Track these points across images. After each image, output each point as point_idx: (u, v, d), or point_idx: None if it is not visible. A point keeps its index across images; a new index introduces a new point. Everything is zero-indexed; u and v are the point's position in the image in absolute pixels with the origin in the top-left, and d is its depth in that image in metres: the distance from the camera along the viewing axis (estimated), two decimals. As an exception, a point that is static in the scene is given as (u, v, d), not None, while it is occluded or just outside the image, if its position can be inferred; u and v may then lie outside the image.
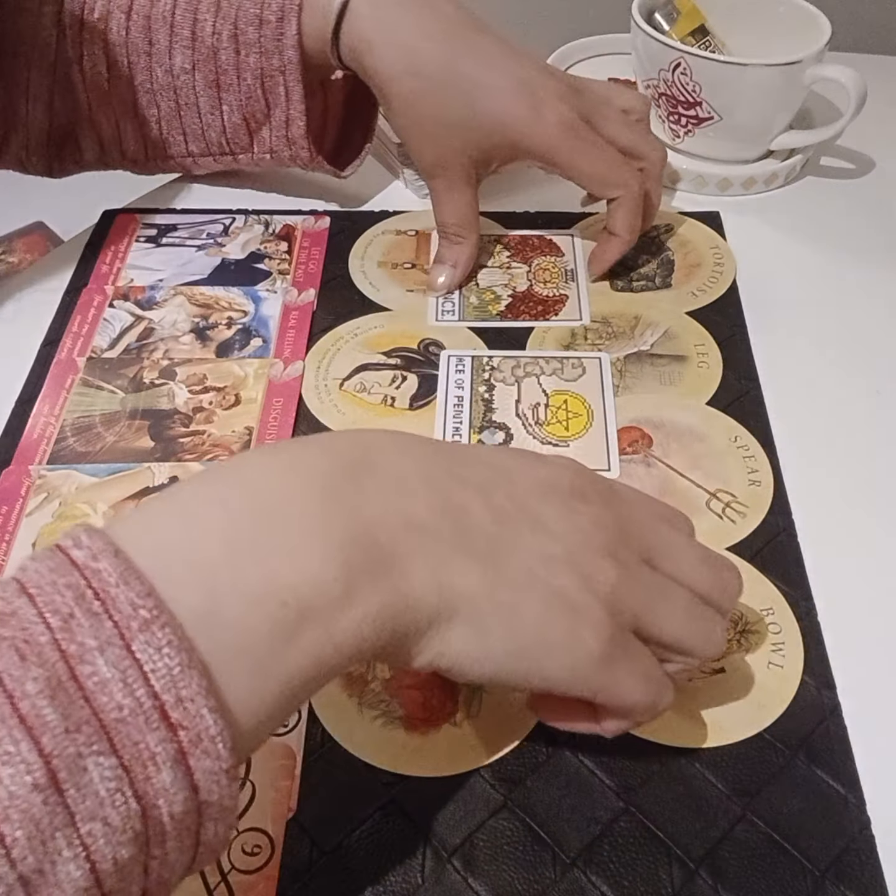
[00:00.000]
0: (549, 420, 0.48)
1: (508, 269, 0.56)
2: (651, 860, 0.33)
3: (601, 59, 0.75)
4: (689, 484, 0.45)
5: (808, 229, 0.60)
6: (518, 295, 0.55)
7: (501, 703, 0.37)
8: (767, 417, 0.48)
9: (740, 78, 0.58)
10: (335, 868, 0.33)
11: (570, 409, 0.48)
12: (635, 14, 0.61)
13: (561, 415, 0.48)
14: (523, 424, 0.47)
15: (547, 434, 0.47)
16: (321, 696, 0.37)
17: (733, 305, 0.54)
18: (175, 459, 0.46)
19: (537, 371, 0.50)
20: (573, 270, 0.56)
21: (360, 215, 0.61)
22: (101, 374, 0.50)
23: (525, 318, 0.53)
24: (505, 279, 0.56)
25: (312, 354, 0.52)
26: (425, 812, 0.35)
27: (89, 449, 0.47)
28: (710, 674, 0.38)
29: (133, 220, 0.60)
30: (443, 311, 0.54)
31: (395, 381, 0.50)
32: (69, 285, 0.56)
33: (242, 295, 0.55)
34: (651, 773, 0.35)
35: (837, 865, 0.33)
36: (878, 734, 0.37)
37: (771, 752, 0.36)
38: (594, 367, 0.50)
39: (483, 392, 0.49)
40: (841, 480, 0.46)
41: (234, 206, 0.61)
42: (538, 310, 0.54)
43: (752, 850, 0.34)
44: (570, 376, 0.50)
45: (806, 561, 0.42)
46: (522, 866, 0.33)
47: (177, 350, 0.52)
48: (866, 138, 0.66)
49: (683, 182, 0.63)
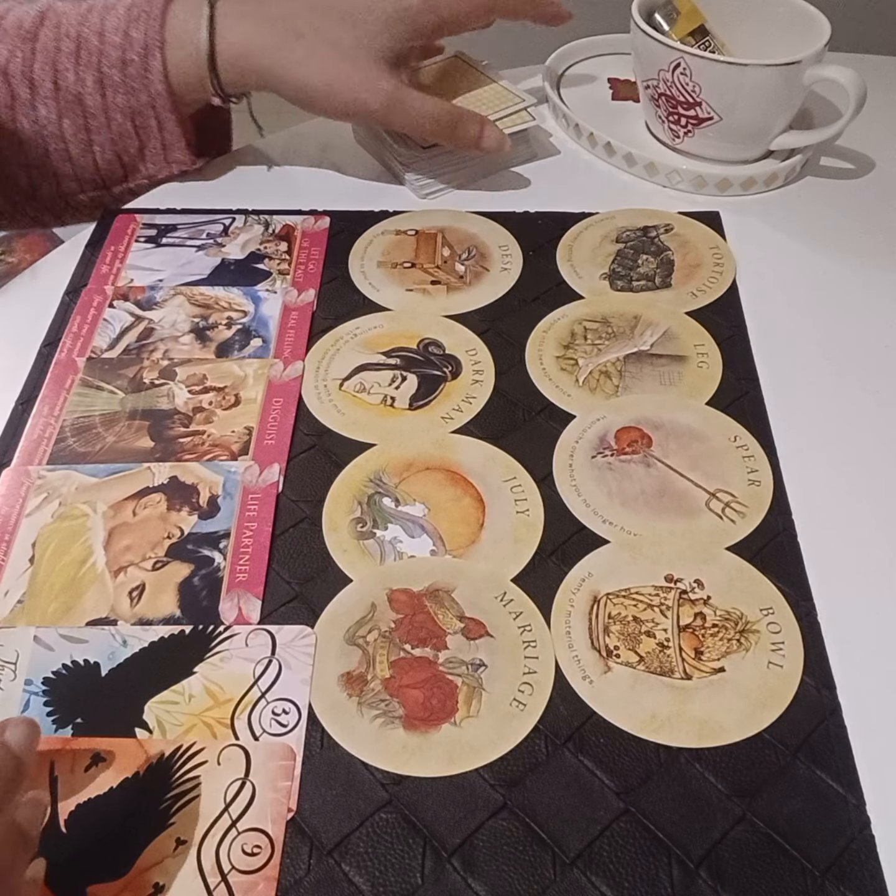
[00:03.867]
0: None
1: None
2: (651, 860, 0.33)
3: (601, 59, 0.75)
4: (689, 484, 0.45)
5: (808, 229, 0.60)
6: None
7: (501, 703, 0.37)
8: (767, 417, 0.48)
9: (740, 78, 0.58)
10: (335, 868, 0.33)
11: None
12: (635, 14, 0.61)
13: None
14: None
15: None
16: (321, 696, 0.38)
17: (733, 305, 0.54)
18: (175, 459, 0.46)
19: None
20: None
21: (360, 215, 0.61)
22: (101, 375, 0.50)
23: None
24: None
25: (312, 354, 0.52)
26: (425, 812, 0.35)
27: (89, 449, 0.47)
28: (710, 674, 0.38)
29: (133, 220, 0.60)
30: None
31: (395, 381, 0.50)
32: (69, 285, 0.56)
33: (242, 295, 0.55)
34: (651, 773, 0.35)
35: (837, 865, 0.33)
36: (878, 734, 0.37)
37: (771, 752, 0.36)
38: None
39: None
40: (841, 480, 0.46)
41: (233, 206, 0.61)
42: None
43: (752, 850, 0.34)
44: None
45: (806, 561, 0.42)
46: (522, 866, 0.33)
47: (177, 350, 0.52)
48: (866, 138, 0.66)
49: (683, 182, 0.63)
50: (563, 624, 0.40)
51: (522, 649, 0.39)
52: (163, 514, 0.44)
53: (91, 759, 0.36)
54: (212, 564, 0.42)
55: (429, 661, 0.38)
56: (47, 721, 0.37)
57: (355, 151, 0.67)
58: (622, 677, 0.38)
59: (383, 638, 0.39)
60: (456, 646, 0.39)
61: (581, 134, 0.66)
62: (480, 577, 0.41)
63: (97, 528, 0.43)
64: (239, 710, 0.37)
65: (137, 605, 0.40)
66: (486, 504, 0.44)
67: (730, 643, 0.39)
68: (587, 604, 0.40)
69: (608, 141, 0.64)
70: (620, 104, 0.71)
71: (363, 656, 0.39)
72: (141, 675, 0.38)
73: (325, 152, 0.66)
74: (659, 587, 0.41)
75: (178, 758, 0.36)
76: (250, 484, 0.45)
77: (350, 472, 0.46)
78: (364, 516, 0.44)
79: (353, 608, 0.40)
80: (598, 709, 0.37)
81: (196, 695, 0.38)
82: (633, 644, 0.39)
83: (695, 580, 0.41)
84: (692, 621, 0.40)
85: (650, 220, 0.60)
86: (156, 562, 0.42)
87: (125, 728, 0.37)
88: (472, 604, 0.40)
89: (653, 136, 0.67)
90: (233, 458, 0.46)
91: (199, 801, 0.35)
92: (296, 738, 0.36)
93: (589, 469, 0.46)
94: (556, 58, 0.72)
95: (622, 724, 0.37)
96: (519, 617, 0.40)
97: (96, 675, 0.38)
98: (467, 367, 0.51)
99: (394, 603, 0.40)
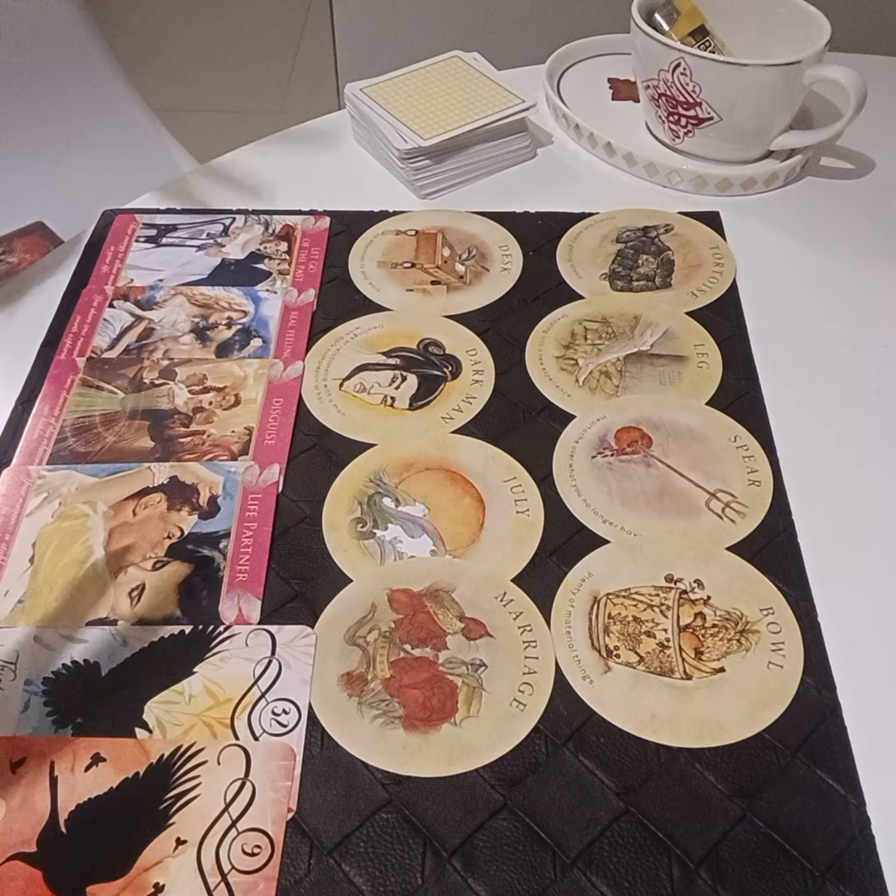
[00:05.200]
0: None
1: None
2: (651, 860, 0.33)
3: (601, 59, 0.75)
4: (689, 484, 0.45)
5: (808, 229, 0.60)
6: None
7: (501, 703, 0.37)
8: (767, 417, 0.48)
9: (740, 78, 0.58)
10: (335, 868, 0.33)
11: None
12: (635, 14, 0.61)
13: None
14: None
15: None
16: (321, 696, 0.38)
17: (733, 305, 0.54)
18: (175, 459, 0.46)
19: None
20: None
21: (360, 215, 0.61)
22: (101, 374, 0.50)
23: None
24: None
25: (312, 354, 0.52)
26: (425, 812, 0.35)
27: (89, 449, 0.47)
28: (710, 674, 0.38)
29: (133, 220, 0.60)
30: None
31: (395, 381, 0.50)
32: (69, 285, 0.56)
33: (242, 295, 0.55)
34: (651, 773, 0.35)
35: (837, 865, 0.33)
36: (878, 734, 0.37)
37: (771, 752, 0.36)
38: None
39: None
40: (841, 480, 0.46)
41: (234, 206, 0.61)
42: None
43: (752, 850, 0.34)
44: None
45: (806, 561, 0.42)
46: (522, 866, 0.33)
47: (177, 350, 0.52)
48: (866, 138, 0.67)
49: (683, 182, 0.63)
50: (563, 624, 0.40)
51: (522, 649, 0.39)
52: (163, 514, 0.44)
53: (91, 758, 0.36)
54: (212, 564, 0.42)
55: (429, 661, 0.38)
56: (47, 721, 0.37)
57: (355, 151, 0.67)
58: (622, 677, 0.38)
59: (383, 638, 0.39)
60: (456, 646, 0.39)
61: (581, 134, 0.66)
62: (480, 577, 0.41)
63: (97, 528, 0.43)
64: (239, 710, 0.37)
65: (137, 605, 0.40)
66: (486, 504, 0.44)
67: (730, 643, 0.39)
68: (587, 604, 0.40)
69: (608, 141, 0.64)
70: (620, 104, 0.71)
71: (363, 656, 0.39)
72: (141, 675, 0.38)
73: (325, 152, 0.67)
74: (659, 587, 0.41)
75: (178, 758, 0.36)
76: (250, 484, 0.45)
77: (350, 472, 0.46)
78: (364, 516, 0.44)
79: (354, 608, 0.40)
80: (598, 709, 0.37)
81: (196, 695, 0.38)
82: (633, 644, 0.39)
83: (695, 580, 0.41)
84: (692, 621, 0.40)
85: (650, 220, 0.60)
86: (156, 562, 0.42)
87: (125, 728, 0.37)
88: (472, 604, 0.40)
89: (653, 137, 0.67)
90: (233, 458, 0.46)
91: (199, 800, 0.35)
92: (296, 737, 0.36)
93: (589, 469, 0.46)
94: (556, 58, 0.72)
95: (622, 724, 0.37)
96: (519, 617, 0.40)
97: (96, 675, 0.38)
98: (467, 367, 0.51)
99: (394, 603, 0.40)
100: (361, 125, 0.66)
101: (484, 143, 0.63)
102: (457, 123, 0.62)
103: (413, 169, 0.61)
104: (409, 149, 0.61)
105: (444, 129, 0.61)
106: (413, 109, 0.63)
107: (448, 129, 0.61)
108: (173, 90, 2.03)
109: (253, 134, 0.68)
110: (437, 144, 0.61)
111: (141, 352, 0.52)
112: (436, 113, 0.63)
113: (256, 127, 0.66)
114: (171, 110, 1.41)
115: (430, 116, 0.63)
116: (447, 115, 0.63)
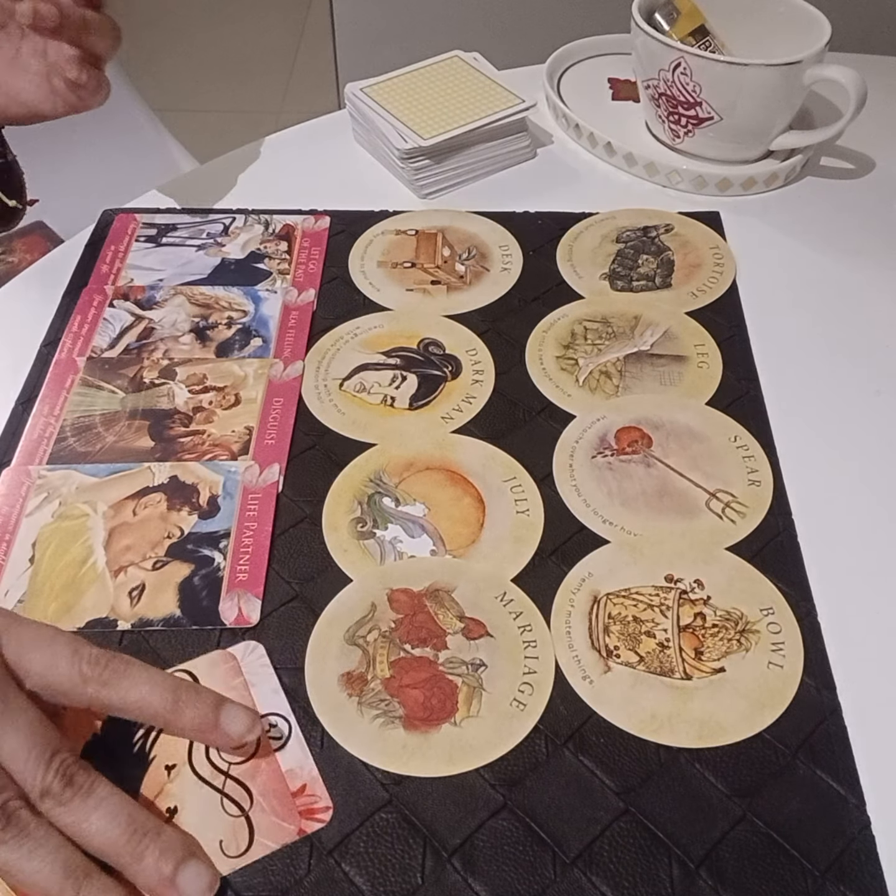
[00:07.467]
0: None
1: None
2: (651, 860, 0.33)
3: (601, 59, 0.75)
4: (689, 484, 0.45)
5: (808, 229, 0.60)
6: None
7: (501, 702, 0.37)
8: (767, 417, 0.48)
9: (740, 78, 0.58)
10: (335, 868, 0.33)
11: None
12: (635, 14, 0.61)
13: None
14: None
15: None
16: (321, 696, 0.37)
17: (733, 305, 0.54)
18: (175, 459, 0.46)
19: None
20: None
21: (360, 215, 0.61)
22: (101, 374, 0.50)
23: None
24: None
25: (312, 354, 0.52)
26: (425, 812, 0.35)
27: (89, 449, 0.47)
28: (710, 674, 0.38)
29: (133, 220, 0.60)
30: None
31: (395, 381, 0.50)
32: (69, 285, 0.56)
33: (242, 295, 0.55)
34: (651, 773, 0.35)
35: (837, 865, 0.33)
36: (878, 734, 0.37)
37: (771, 752, 0.36)
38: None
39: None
40: (841, 480, 0.46)
41: (233, 206, 0.61)
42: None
43: (752, 851, 0.34)
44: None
45: (806, 561, 0.42)
46: (522, 866, 0.33)
47: (177, 350, 0.52)
48: (866, 138, 0.67)
49: (683, 182, 0.63)
50: (564, 624, 0.40)
51: (522, 649, 0.39)
52: (163, 514, 0.44)
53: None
54: (212, 564, 0.42)
55: (429, 661, 0.38)
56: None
57: (355, 151, 0.67)
58: (622, 677, 0.38)
59: (383, 638, 0.39)
60: (456, 646, 0.39)
61: (581, 134, 0.66)
62: (480, 577, 0.41)
63: (97, 528, 0.43)
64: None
65: (137, 605, 0.40)
66: (486, 504, 0.44)
67: (730, 643, 0.39)
68: (587, 604, 0.40)
69: (608, 141, 0.64)
70: (620, 104, 0.71)
71: (363, 656, 0.39)
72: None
73: (325, 152, 0.67)
74: (659, 587, 0.41)
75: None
76: (250, 484, 0.45)
77: (350, 472, 0.46)
78: (364, 516, 0.44)
79: (354, 608, 0.40)
80: (598, 709, 0.37)
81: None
82: (633, 644, 0.39)
83: (695, 580, 0.41)
84: (692, 621, 0.40)
85: (650, 220, 0.60)
86: (156, 561, 0.42)
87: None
88: (472, 604, 0.40)
89: (653, 136, 0.67)
90: (233, 458, 0.46)
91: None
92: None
93: (589, 469, 0.46)
94: (556, 58, 0.72)
95: (622, 724, 0.37)
96: (519, 617, 0.40)
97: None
98: (467, 367, 0.51)
99: (394, 603, 0.40)
100: (361, 125, 0.66)
101: (484, 143, 0.63)
102: (457, 123, 0.62)
103: (413, 169, 0.62)
104: (410, 148, 0.61)
105: (444, 129, 0.61)
106: (413, 109, 0.63)
107: (448, 128, 0.61)
108: (173, 90, 2.03)
109: (253, 134, 0.68)
110: (438, 144, 0.61)
111: (141, 351, 0.52)
112: (436, 113, 0.63)
113: (256, 127, 0.66)
114: (171, 110, 1.41)
115: (430, 116, 0.63)
116: (447, 115, 0.63)
